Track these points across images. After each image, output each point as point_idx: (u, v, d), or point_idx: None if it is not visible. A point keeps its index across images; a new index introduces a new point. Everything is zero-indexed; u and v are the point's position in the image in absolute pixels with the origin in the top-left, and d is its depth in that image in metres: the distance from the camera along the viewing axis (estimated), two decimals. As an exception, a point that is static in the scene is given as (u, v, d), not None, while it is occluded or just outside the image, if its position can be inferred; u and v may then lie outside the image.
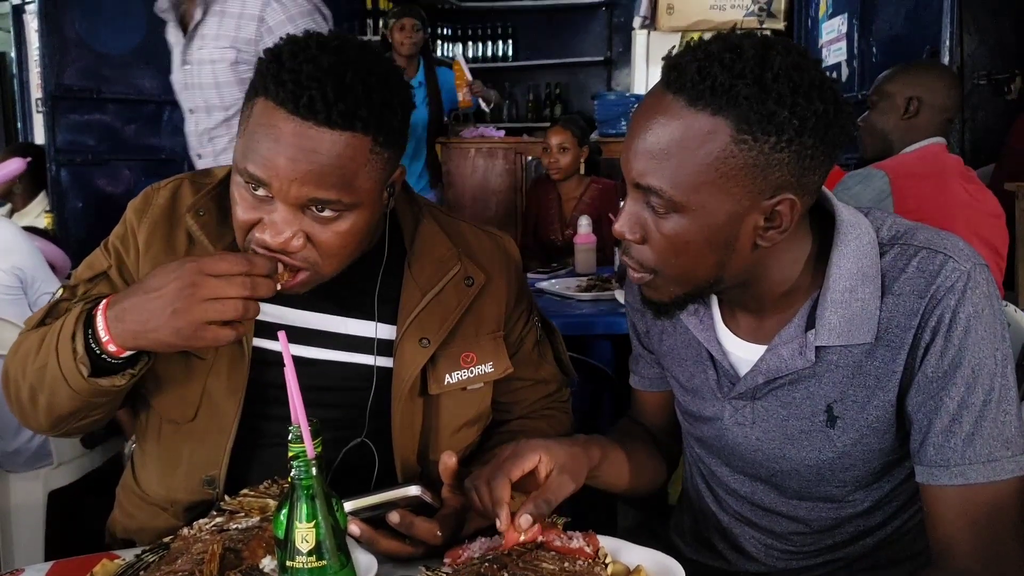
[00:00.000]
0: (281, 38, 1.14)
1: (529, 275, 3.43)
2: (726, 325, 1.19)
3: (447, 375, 1.30)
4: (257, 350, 1.26)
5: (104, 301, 1.11)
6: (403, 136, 1.18)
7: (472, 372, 1.32)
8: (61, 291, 1.30)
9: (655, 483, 1.38)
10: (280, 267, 1.10)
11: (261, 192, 1.11)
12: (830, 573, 1.21)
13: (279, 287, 1.09)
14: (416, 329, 1.27)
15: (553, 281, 3.18)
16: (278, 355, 1.25)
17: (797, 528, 1.21)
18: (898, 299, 1.05)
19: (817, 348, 1.09)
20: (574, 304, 2.89)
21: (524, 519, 1.04)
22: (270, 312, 1.27)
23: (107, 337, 1.09)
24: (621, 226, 1.06)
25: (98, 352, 1.11)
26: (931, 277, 1.03)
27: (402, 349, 1.27)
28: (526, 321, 1.42)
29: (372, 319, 1.29)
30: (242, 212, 1.14)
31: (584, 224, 3.45)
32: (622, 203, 1.09)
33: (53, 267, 3.18)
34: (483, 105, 4.91)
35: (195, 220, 1.26)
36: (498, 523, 1.04)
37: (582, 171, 4.24)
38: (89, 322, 1.11)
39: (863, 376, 1.08)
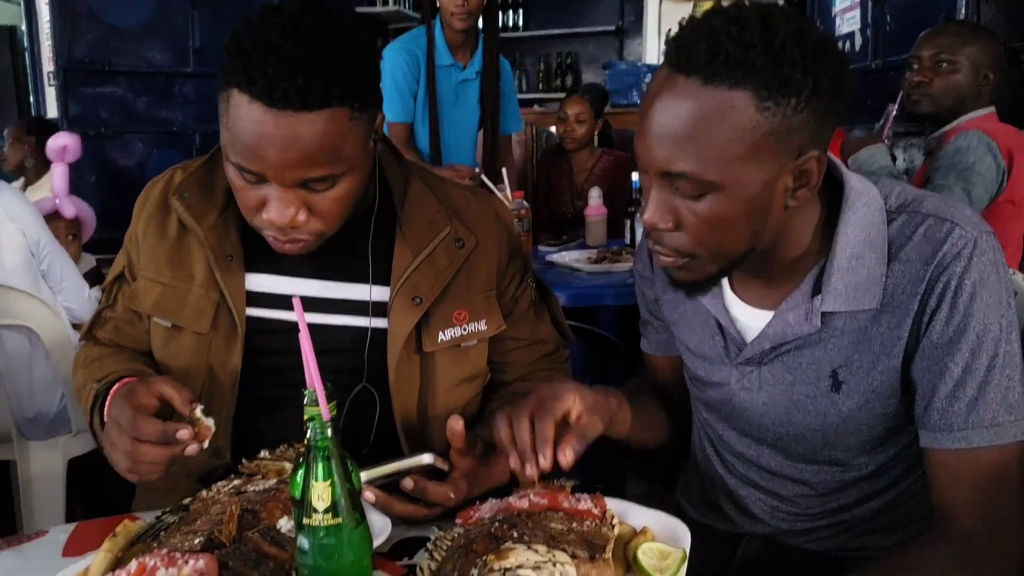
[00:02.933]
0: None
1: (539, 247, 3.45)
2: (734, 292, 1.20)
3: (440, 332, 1.32)
4: (251, 319, 1.30)
5: (108, 400, 1.22)
6: (376, 91, 1.20)
7: (465, 329, 1.35)
8: (102, 298, 1.43)
9: (662, 438, 1.40)
10: (185, 434, 1.09)
11: (256, 178, 1.14)
12: (834, 535, 1.23)
13: (192, 451, 1.11)
14: (408, 289, 1.30)
15: (563, 253, 3.19)
16: (272, 323, 1.31)
17: (802, 491, 1.23)
18: (904, 266, 1.07)
19: (823, 314, 1.11)
20: (584, 276, 2.90)
21: (569, 453, 1.05)
22: (262, 283, 1.32)
23: None
24: (652, 216, 1.05)
25: None
26: (938, 244, 1.05)
27: (395, 307, 1.30)
28: (520, 282, 1.44)
29: (365, 282, 1.32)
30: (244, 197, 1.18)
31: (595, 196, 3.45)
32: (635, 176, 1.10)
33: (83, 224, 3.21)
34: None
35: (180, 202, 1.31)
36: (540, 460, 1.03)
37: (595, 143, 4.24)
38: (101, 406, 1.26)
39: (868, 342, 1.10)
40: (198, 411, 1.12)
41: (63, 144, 3.27)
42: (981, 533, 1.02)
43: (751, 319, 1.19)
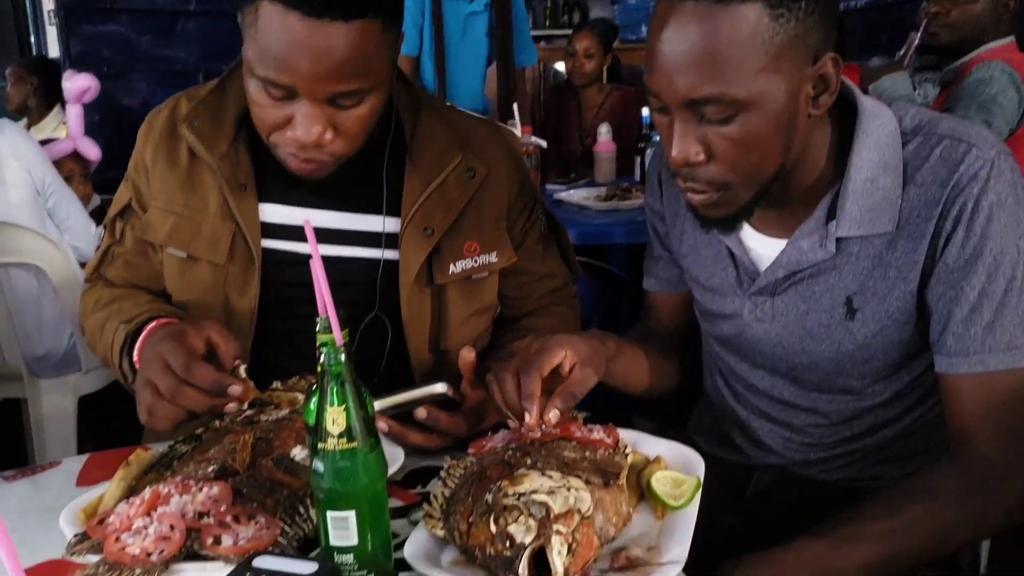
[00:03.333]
0: None
1: (548, 186, 3.42)
2: (747, 222, 1.18)
3: (451, 264, 1.31)
4: (267, 251, 1.29)
5: (141, 339, 1.20)
6: (401, 6, 1.20)
7: (476, 261, 1.33)
8: (106, 236, 1.40)
9: (668, 385, 1.40)
10: (237, 389, 1.07)
11: (283, 94, 1.12)
12: (847, 464, 1.23)
13: (231, 408, 1.09)
14: (420, 219, 1.29)
15: (572, 191, 3.16)
16: (288, 255, 1.29)
17: (815, 421, 1.22)
18: (920, 189, 1.05)
19: (837, 240, 1.09)
20: (593, 214, 2.88)
21: (553, 413, 1.05)
22: (275, 213, 1.30)
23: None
24: (681, 151, 1.01)
25: None
26: (954, 166, 1.03)
27: (407, 238, 1.29)
28: (530, 214, 1.43)
29: (377, 213, 1.31)
30: (267, 115, 1.15)
31: (604, 132, 3.41)
32: (646, 111, 1.08)
33: (87, 160, 3.19)
34: None
35: (190, 131, 1.29)
36: (527, 417, 1.05)
37: (604, 79, 4.18)
38: (131, 347, 1.22)
39: (883, 268, 1.08)
40: (242, 370, 1.11)
41: (85, 86, 3.24)
42: (996, 458, 1.02)
43: (764, 248, 1.17)
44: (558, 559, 0.80)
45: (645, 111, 3.34)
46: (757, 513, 1.26)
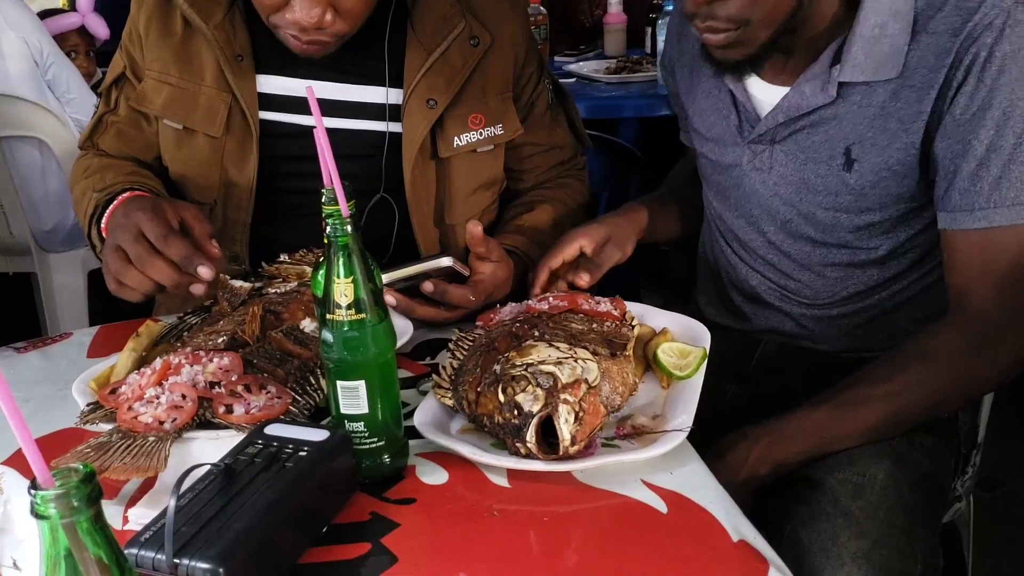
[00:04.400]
0: None
1: (556, 58, 3.34)
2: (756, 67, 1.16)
3: (456, 137, 1.29)
4: (265, 123, 1.26)
5: (109, 212, 1.16)
6: None
7: (481, 134, 1.31)
8: (100, 104, 1.36)
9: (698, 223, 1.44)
10: (207, 273, 1.02)
11: None
12: (847, 334, 1.23)
13: (197, 291, 1.05)
14: (423, 90, 1.26)
15: (581, 63, 3.09)
16: (286, 127, 1.27)
17: (811, 278, 1.22)
18: (931, 37, 1.02)
19: (840, 85, 1.07)
20: (603, 87, 2.82)
21: (584, 276, 1.19)
22: (274, 84, 1.27)
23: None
24: None
25: None
26: (968, 14, 0.99)
27: (409, 110, 1.26)
28: (537, 83, 1.39)
29: (379, 84, 1.28)
30: None
31: (615, 3, 3.30)
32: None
33: (93, 37, 3.11)
34: None
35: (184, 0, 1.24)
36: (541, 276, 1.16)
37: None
38: (99, 218, 1.19)
39: (885, 118, 1.06)
40: (215, 248, 1.08)
41: None
42: (995, 315, 1.02)
43: (767, 95, 1.16)
44: (565, 427, 0.81)
45: (659, -22, 3.24)
46: (761, 384, 1.28)
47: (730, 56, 1.08)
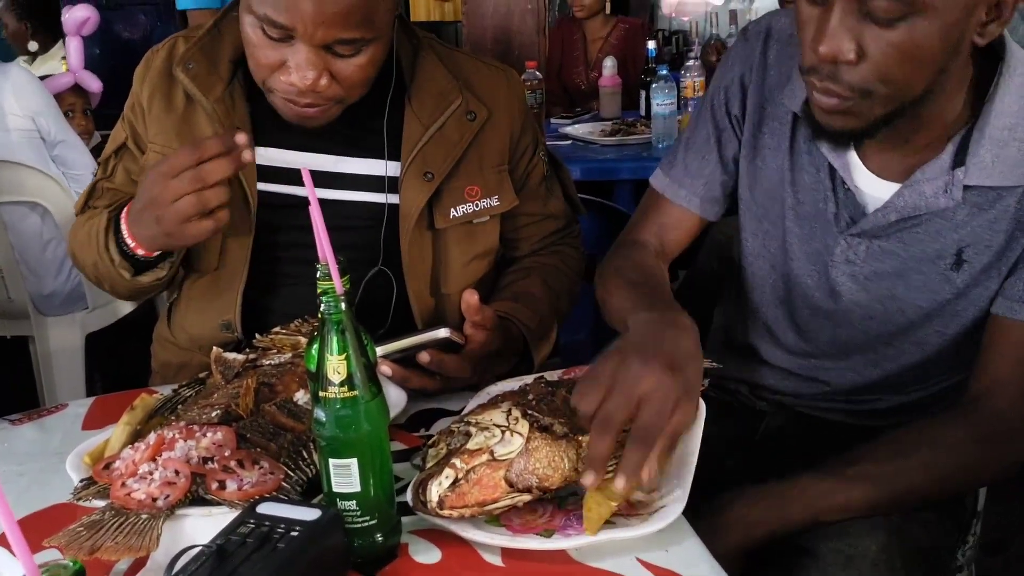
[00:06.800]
0: None
1: (552, 120, 3.38)
2: (859, 158, 1.10)
3: (452, 209, 1.30)
4: (263, 194, 1.28)
5: (125, 209, 1.19)
6: None
7: (477, 206, 1.32)
8: (98, 171, 1.38)
9: None
10: (243, 137, 1.07)
11: (280, 34, 1.10)
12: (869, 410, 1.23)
13: (247, 157, 1.09)
14: (420, 163, 1.27)
15: (577, 126, 3.13)
16: (285, 198, 1.28)
17: (821, 389, 1.23)
18: None
19: (964, 187, 1.02)
20: (598, 149, 2.86)
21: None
22: (273, 157, 1.28)
23: (133, 244, 1.19)
24: (833, 45, 0.91)
25: (131, 255, 1.19)
26: None
27: (406, 183, 1.28)
28: (532, 155, 1.41)
29: (376, 157, 1.29)
30: (262, 55, 1.14)
31: (609, 66, 3.36)
32: (652, 44, 1.04)
33: (89, 93, 3.14)
34: None
35: (185, 73, 1.26)
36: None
37: (607, 10, 4.10)
38: (117, 228, 1.21)
39: (1007, 222, 1.03)
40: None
41: (84, 17, 3.17)
42: (1016, 419, 1.01)
43: (876, 189, 1.09)
44: (434, 488, 0.83)
45: (651, 44, 3.30)
46: (761, 453, 1.27)
47: (835, 124, 0.99)
